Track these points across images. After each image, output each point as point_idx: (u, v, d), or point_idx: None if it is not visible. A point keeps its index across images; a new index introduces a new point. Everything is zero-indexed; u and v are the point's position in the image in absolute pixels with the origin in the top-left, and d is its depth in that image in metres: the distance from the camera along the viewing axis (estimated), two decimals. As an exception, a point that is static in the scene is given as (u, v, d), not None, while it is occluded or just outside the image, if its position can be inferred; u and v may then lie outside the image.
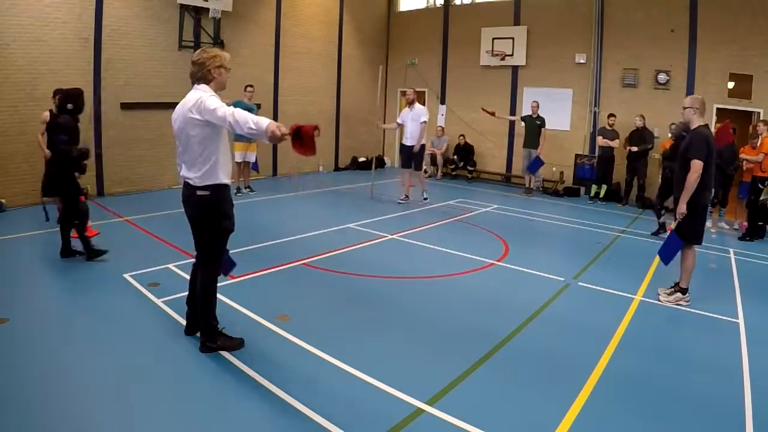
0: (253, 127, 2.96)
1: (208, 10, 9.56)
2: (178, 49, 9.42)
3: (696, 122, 4.60)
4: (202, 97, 3.14)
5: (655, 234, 7.58)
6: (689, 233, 4.67)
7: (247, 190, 9.53)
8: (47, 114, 6.34)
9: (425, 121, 8.96)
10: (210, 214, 3.35)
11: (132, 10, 8.74)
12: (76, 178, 5.26)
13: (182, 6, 9.34)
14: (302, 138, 3.03)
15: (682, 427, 2.91)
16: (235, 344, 3.52)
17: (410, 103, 9.04)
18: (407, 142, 9.07)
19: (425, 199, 9.27)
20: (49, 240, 5.88)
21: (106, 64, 8.48)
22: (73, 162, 5.16)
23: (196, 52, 3.33)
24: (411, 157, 9.04)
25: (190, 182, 3.30)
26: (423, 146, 9.08)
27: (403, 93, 9.60)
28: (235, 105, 8.84)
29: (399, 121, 9.28)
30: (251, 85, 9.26)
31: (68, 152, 5.05)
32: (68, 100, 5.12)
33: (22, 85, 7.59)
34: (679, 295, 4.77)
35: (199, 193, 3.28)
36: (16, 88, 7.54)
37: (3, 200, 7.31)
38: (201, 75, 3.25)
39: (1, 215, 7.06)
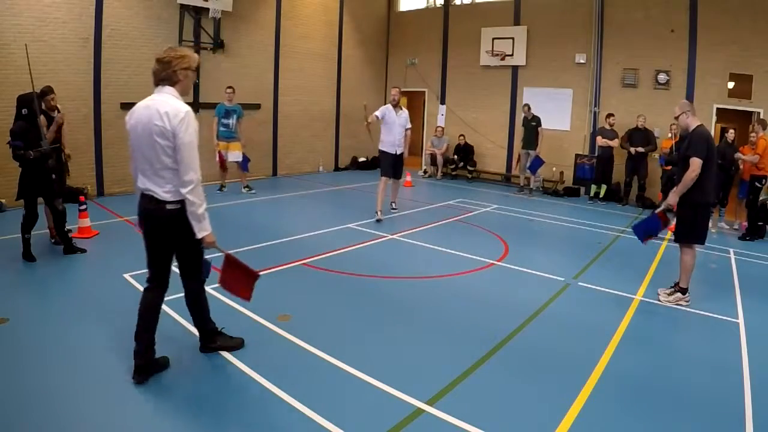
0: (198, 214, 2.90)
1: (208, 10, 9.58)
2: (178, 49, 9.42)
3: (693, 124, 4.60)
4: (184, 112, 2.82)
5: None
6: (693, 233, 4.64)
7: (246, 189, 9.36)
8: (42, 117, 6.43)
9: (409, 128, 7.97)
10: (184, 229, 2.97)
11: (132, 10, 8.74)
12: (51, 180, 5.28)
13: (182, 6, 9.35)
14: (233, 270, 3.28)
15: (682, 427, 2.91)
16: (236, 344, 3.50)
17: (396, 105, 7.79)
18: (397, 150, 7.77)
19: (394, 209, 8.34)
20: (49, 239, 5.88)
21: (106, 64, 8.49)
22: (36, 165, 5.13)
23: (164, 50, 2.97)
24: (396, 165, 7.86)
25: (156, 196, 2.93)
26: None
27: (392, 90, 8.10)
28: (217, 110, 8.86)
29: (378, 114, 7.71)
30: (231, 87, 9.08)
31: (25, 157, 5.03)
32: (22, 106, 5.11)
33: (22, 85, 7.54)
34: (679, 295, 4.76)
35: (169, 207, 2.93)
36: (16, 88, 7.47)
37: (3, 200, 7.31)
38: (166, 75, 2.91)
39: (1, 215, 7.07)
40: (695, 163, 4.42)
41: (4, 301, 4.15)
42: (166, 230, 3.03)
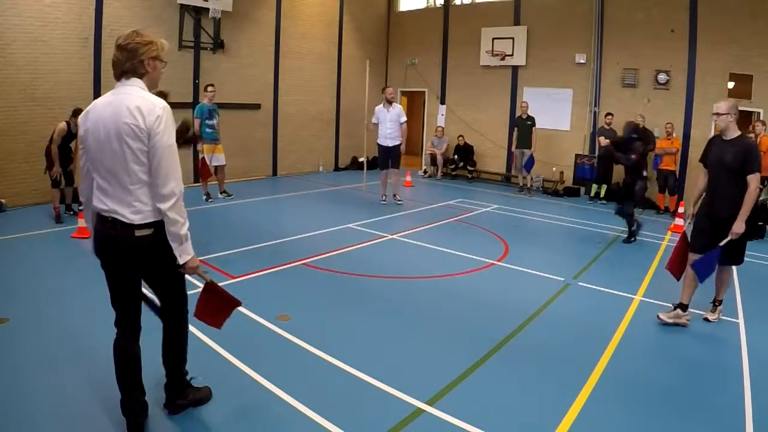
0: (181, 234, 2.36)
1: (208, 10, 9.57)
2: (178, 49, 9.43)
3: (734, 130, 4.15)
4: (161, 108, 2.33)
5: (627, 241, 7.14)
6: (740, 252, 4.32)
7: (224, 194, 8.84)
8: (64, 126, 6.59)
9: (405, 121, 8.84)
10: (158, 259, 2.43)
11: (132, 10, 8.74)
12: None
13: (182, 6, 9.35)
14: (214, 299, 2.78)
15: (681, 427, 2.91)
16: (205, 394, 2.92)
17: (389, 102, 8.74)
18: (387, 143, 8.78)
19: (399, 203, 8.97)
20: (50, 240, 5.88)
21: (106, 64, 8.41)
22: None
23: (125, 35, 2.40)
24: (390, 157, 8.84)
25: (122, 219, 2.34)
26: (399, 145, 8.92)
27: (383, 89, 9.12)
28: (199, 110, 8.56)
29: (375, 120, 8.89)
30: (212, 85, 8.68)
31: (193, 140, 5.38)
32: None
33: (22, 85, 7.60)
34: (720, 308, 4.52)
35: (138, 233, 2.36)
36: (16, 88, 7.55)
37: (3, 200, 7.32)
38: (131, 66, 2.37)
39: (1, 215, 7.07)
40: (757, 180, 4.00)
41: (4, 301, 4.15)
42: (134, 263, 2.45)
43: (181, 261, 2.41)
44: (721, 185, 4.18)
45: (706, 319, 4.45)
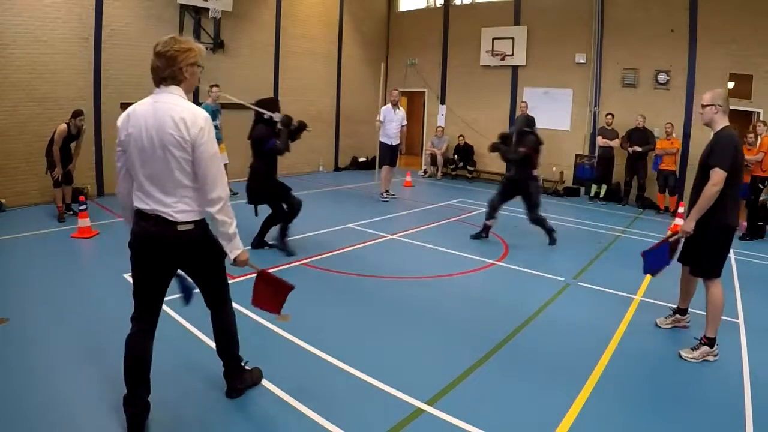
0: (230, 233, 2.57)
1: (208, 10, 9.58)
2: (178, 49, 9.43)
3: (720, 123, 3.65)
4: (204, 119, 2.42)
5: (476, 237, 6.84)
6: (711, 263, 3.71)
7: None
8: (65, 127, 6.67)
9: (406, 125, 9.59)
10: (201, 250, 2.60)
11: (132, 10, 8.74)
12: (276, 182, 5.79)
13: (182, 6, 9.36)
14: (267, 284, 2.99)
15: (681, 427, 2.91)
16: (257, 374, 3.13)
17: (395, 104, 9.36)
18: (391, 142, 9.37)
19: (393, 195, 9.65)
20: (50, 240, 5.88)
21: (106, 64, 8.48)
22: (269, 175, 5.71)
23: (163, 41, 2.44)
24: (392, 155, 9.46)
25: (166, 217, 2.45)
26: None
27: (390, 92, 9.83)
28: (204, 110, 8.54)
29: (381, 119, 9.40)
30: (216, 85, 8.64)
31: (278, 149, 5.51)
32: (266, 109, 5.58)
33: (22, 85, 7.60)
34: (706, 348, 3.69)
35: (180, 228, 2.47)
36: (16, 88, 7.55)
37: (3, 200, 7.32)
38: (170, 73, 2.42)
39: (1, 215, 7.07)
40: (718, 176, 3.47)
41: (4, 301, 4.16)
42: (175, 258, 2.58)
43: (231, 256, 2.61)
44: (698, 184, 3.75)
45: (679, 354, 3.76)
